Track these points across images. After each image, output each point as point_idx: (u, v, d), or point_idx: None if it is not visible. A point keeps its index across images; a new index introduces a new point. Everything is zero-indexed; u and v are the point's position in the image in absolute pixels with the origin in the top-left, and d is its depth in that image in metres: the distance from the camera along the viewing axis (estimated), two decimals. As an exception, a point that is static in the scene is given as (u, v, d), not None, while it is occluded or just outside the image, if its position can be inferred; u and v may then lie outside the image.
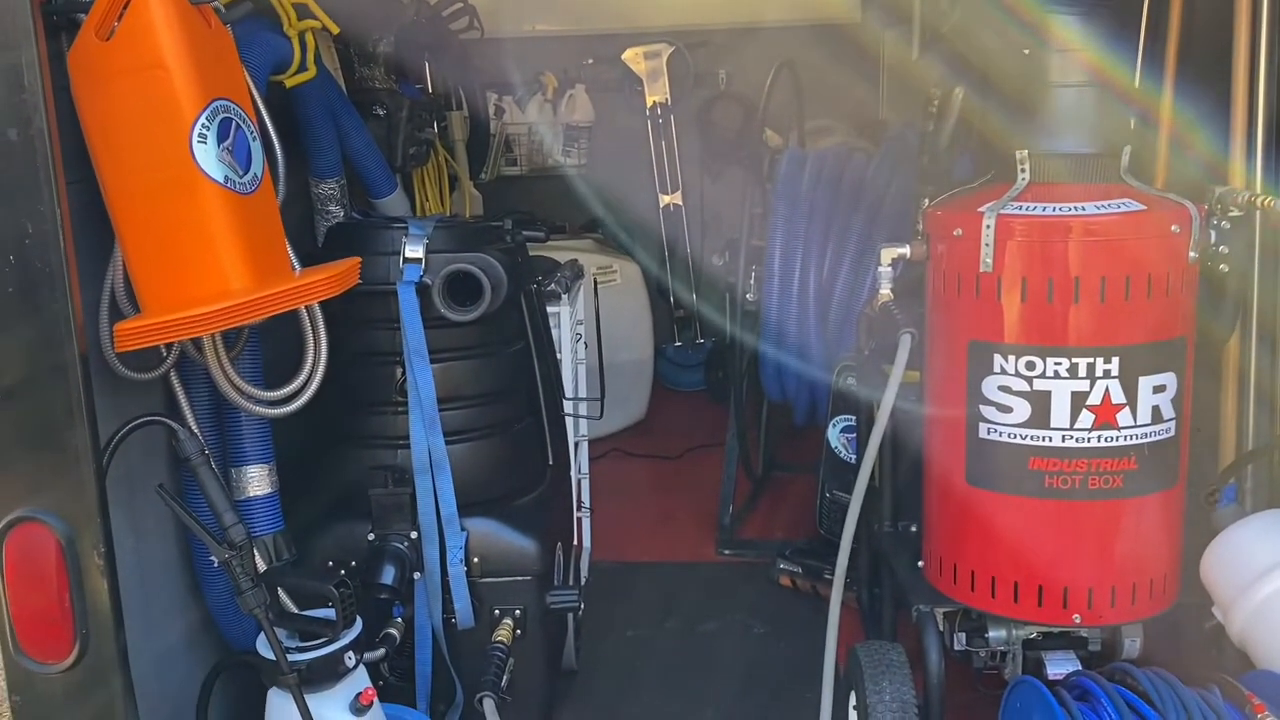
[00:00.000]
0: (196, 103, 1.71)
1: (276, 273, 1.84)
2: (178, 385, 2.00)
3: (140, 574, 2.03)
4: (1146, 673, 1.99)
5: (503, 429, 2.45)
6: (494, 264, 2.23)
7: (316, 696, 1.88)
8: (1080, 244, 2.10)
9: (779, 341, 3.53)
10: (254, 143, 1.85)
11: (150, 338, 1.71)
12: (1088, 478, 2.14)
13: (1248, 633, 2.08)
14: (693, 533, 3.90)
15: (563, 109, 5.51)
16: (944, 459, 2.32)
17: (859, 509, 2.21)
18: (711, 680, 2.94)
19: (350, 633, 1.93)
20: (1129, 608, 2.22)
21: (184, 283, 1.74)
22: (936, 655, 2.22)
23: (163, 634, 2.13)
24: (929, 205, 2.38)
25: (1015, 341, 2.15)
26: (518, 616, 2.32)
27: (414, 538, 2.26)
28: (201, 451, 1.84)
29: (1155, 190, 2.21)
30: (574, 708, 2.79)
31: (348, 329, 2.30)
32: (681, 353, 5.61)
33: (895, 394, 2.21)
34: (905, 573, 2.47)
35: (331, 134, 2.70)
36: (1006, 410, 2.16)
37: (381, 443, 2.33)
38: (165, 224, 1.74)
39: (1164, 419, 2.14)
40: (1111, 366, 2.10)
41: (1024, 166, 2.19)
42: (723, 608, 3.33)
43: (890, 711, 2.17)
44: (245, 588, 1.82)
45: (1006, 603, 2.25)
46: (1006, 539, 2.23)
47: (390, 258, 2.27)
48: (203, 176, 1.72)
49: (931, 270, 2.34)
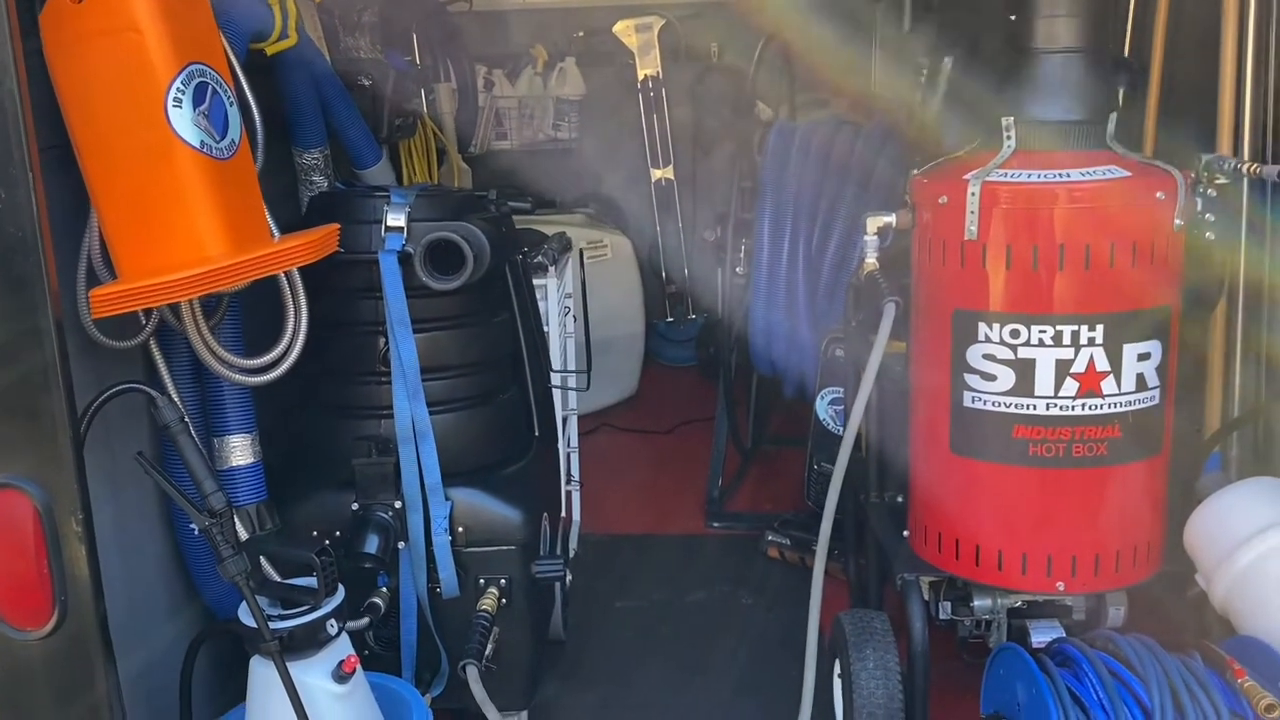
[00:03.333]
0: (171, 66, 1.69)
1: (254, 239, 1.83)
2: (157, 353, 1.99)
3: (121, 542, 2.03)
4: (1129, 639, 1.99)
5: (487, 399, 2.45)
6: (476, 233, 2.22)
7: (298, 664, 1.87)
8: (1065, 211, 2.09)
9: (768, 314, 3.53)
10: (231, 108, 1.84)
11: (126, 303, 1.70)
12: (1072, 445, 2.14)
13: (1230, 599, 2.09)
14: (682, 506, 3.90)
15: (553, 82, 5.48)
16: (929, 428, 2.32)
17: (842, 478, 2.20)
18: (699, 650, 2.95)
19: (332, 601, 1.92)
20: (1113, 575, 2.22)
21: (160, 248, 1.73)
22: (920, 623, 2.23)
23: (145, 602, 2.13)
24: (916, 174, 2.37)
25: (1000, 309, 2.14)
26: (503, 586, 2.32)
27: (398, 507, 2.26)
28: (181, 419, 1.83)
29: (1141, 157, 2.20)
30: (561, 677, 2.80)
31: (331, 298, 2.28)
32: (673, 328, 5.61)
33: (879, 363, 2.21)
34: (891, 542, 2.47)
35: (314, 103, 2.67)
36: (991, 379, 2.15)
37: (365, 412, 2.32)
38: (141, 189, 1.72)
39: (1148, 387, 2.14)
40: (1096, 334, 2.09)
41: (1010, 133, 2.17)
42: (711, 579, 3.34)
43: (874, 679, 2.18)
44: (226, 555, 1.81)
45: (991, 571, 2.25)
46: (991, 507, 2.24)
47: (372, 226, 2.25)
48: (178, 141, 1.71)
49: (917, 239, 2.33)
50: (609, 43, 5.43)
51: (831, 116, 4.19)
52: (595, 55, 5.47)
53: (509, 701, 2.38)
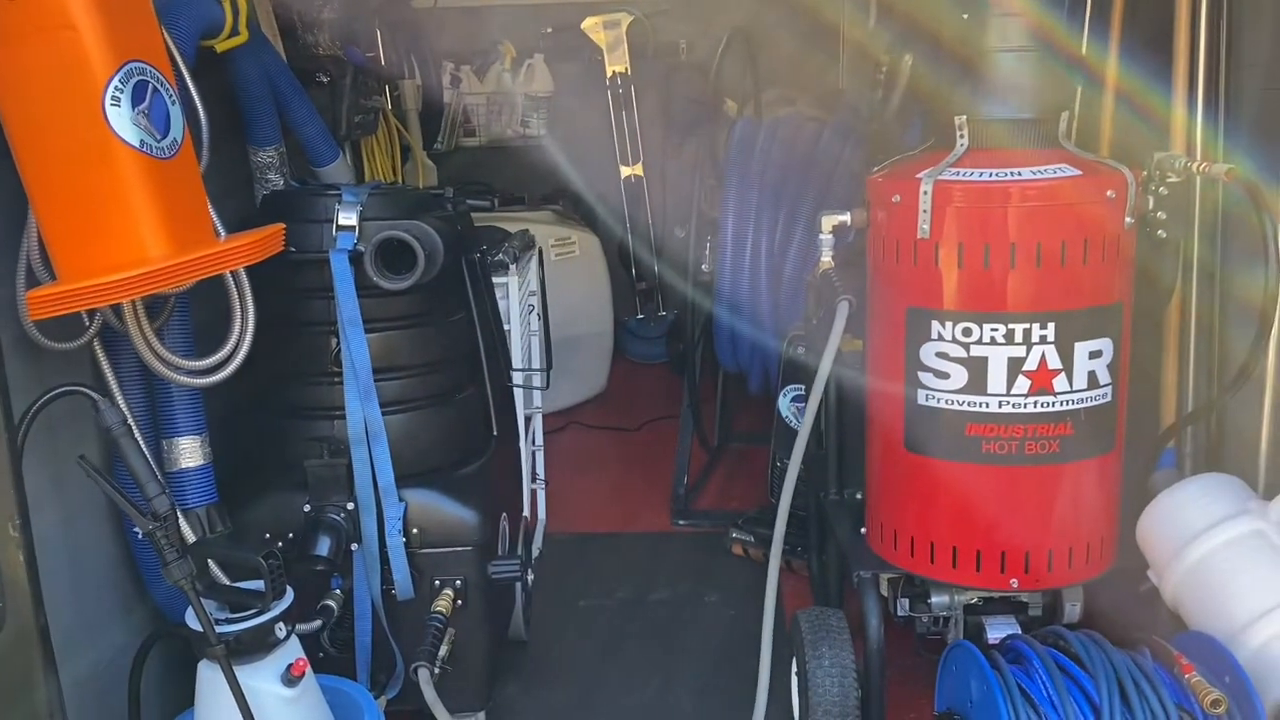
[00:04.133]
0: (109, 65, 1.66)
1: (197, 239, 1.80)
2: (102, 355, 1.97)
3: (68, 545, 2.01)
4: (1079, 635, 2.00)
5: (443, 399, 2.43)
6: (429, 232, 2.20)
7: (246, 668, 1.86)
8: (1016, 210, 2.10)
9: (732, 311, 3.53)
10: (173, 107, 1.81)
11: (64, 305, 1.67)
12: (1024, 443, 2.15)
13: (1180, 595, 2.11)
14: (648, 504, 3.90)
15: (521, 78, 5.45)
16: (884, 426, 2.33)
17: (797, 476, 2.20)
18: (661, 648, 2.95)
19: (280, 604, 1.91)
20: (1066, 571, 2.23)
21: (100, 249, 1.70)
22: (876, 620, 2.23)
23: (94, 604, 2.11)
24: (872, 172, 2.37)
25: (952, 308, 2.15)
26: (458, 587, 2.30)
27: (351, 509, 2.24)
28: (123, 422, 1.80)
29: (1093, 155, 2.21)
30: (522, 677, 2.79)
31: (283, 298, 2.26)
32: (643, 325, 5.60)
33: (833, 361, 2.21)
34: (848, 539, 2.47)
35: (268, 101, 2.65)
36: (944, 376, 2.16)
37: (317, 413, 2.30)
38: (79, 189, 1.69)
39: (1100, 384, 2.15)
40: (1048, 332, 2.10)
41: (963, 132, 2.18)
42: (675, 577, 3.34)
43: (829, 676, 2.19)
44: (170, 559, 1.79)
45: (945, 568, 2.26)
46: (945, 504, 2.24)
47: (324, 225, 2.23)
48: (117, 140, 1.68)
49: (872, 237, 2.33)
50: (578, 39, 5.40)
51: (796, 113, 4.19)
52: (564, 51, 5.45)
53: (466, 702, 2.37)
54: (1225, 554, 2.04)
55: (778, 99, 4.75)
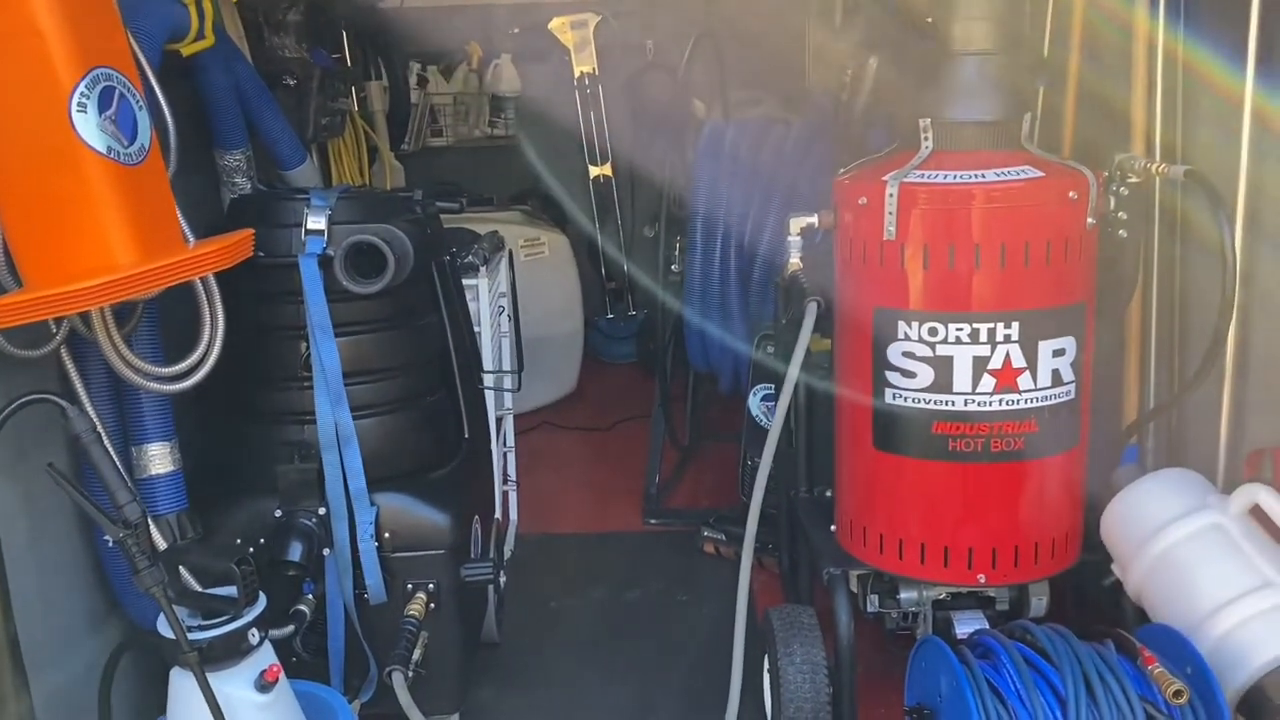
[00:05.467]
0: (74, 71, 1.65)
1: (165, 245, 1.79)
2: (70, 362, 1.95)
3: (38, 556, 1.99)
4: (1045, 629, 2.03)
5: (413, 403, 2.43)
6: (399, 235, 2.20)
7: (219, 675, 1.85)
8: (980, 211, 2.13)
9: (702, 311, 3.55)
10: (140, 112, 1.80)
11: (30, 313, 1.66)
12: (990, 440, 2.18)
13: (1143, 588, 2.14)
14: (620, 503, 3.91)
15: (488, 79, 5.45)
16: (853, 424, 2.35)
17: (768, 474, 2.22)
18: (633, 648, 2.96)
19: (253, 610, 1.90)
20: (1032, 567, 2.27)
21: (67, 256, 1.69)
22: (846, 617, 2.26)
23: (65, 616, 2.09)
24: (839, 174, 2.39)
25: (918, 308, 2.17)
26: (431, 590, 2.31)
27: (322, 514, 2.24)
28: (92, 429, 1.79)
29: (1055, 157, 2.24)
30: (494, 679, 2.80)
31: (252, 303, 2.25)
32: (613, 325, 5.62)
33: (801, 361, 2.23)
34: (819, 537, 2.50)
35: (234, 104, 2.63)
36: (911, 375, 2.19)
37: (288, 418, 2.30)
38: (46, 196, 1.68)
39: (1064, 382, 2.19)
40: (1012, 331, 2.13)
41: (927, 134, 2.21)
42: (647, 577, 3.36)
43: (800, 673, 2.21)
44: (141, 566, 1.78)
45: (914, 564, 2.29)
46: (913, 502, 2.28)
47: (292, 230, 2.22)
48: (84, 147, 1.67)
49: (839, 239, 2.36)
50: (545, 39, 5.40)
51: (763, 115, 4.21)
52: (531, 52, 5.45)
53: (439, 706, 2.37)
54: (1186, 547, 2.08)
55: (745, 100, 4.77)
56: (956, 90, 2.22)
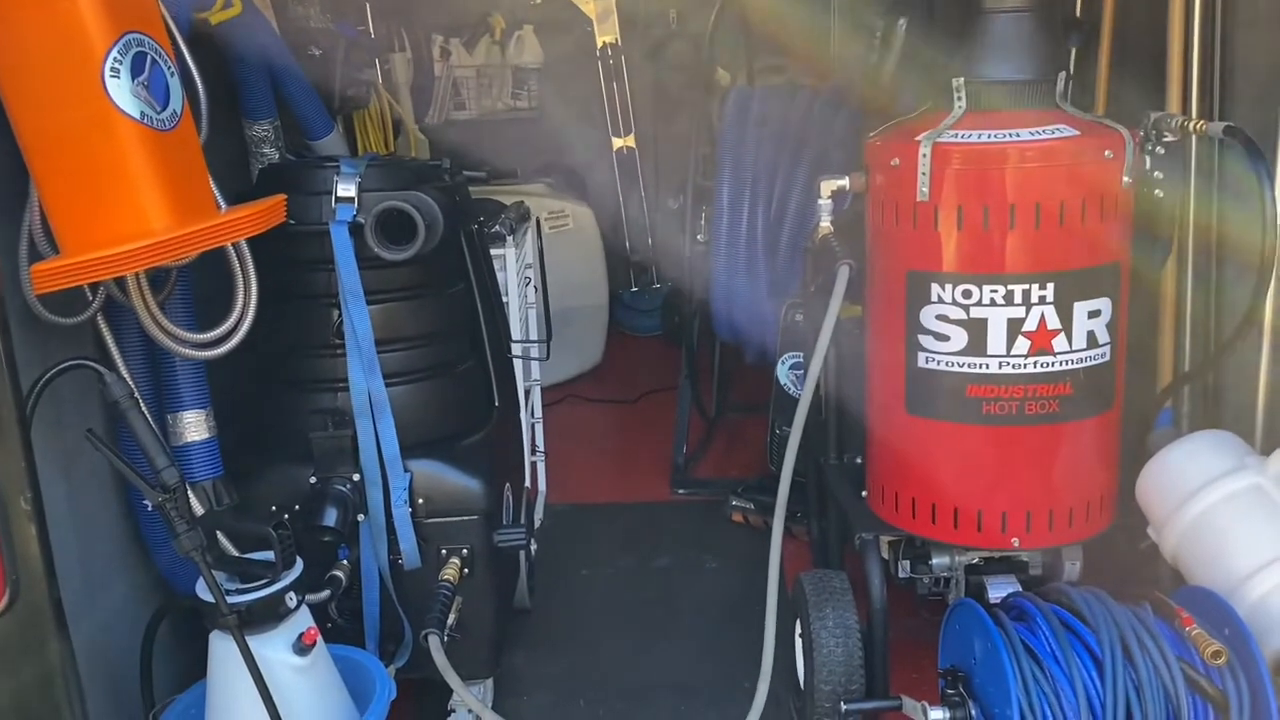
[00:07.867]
0: (107, 35, 1.65)
1: (199, 211, 1.80)
2: (105, 329, 1.97)
3: (75, 517, 2.01)
4: (1081, 592, 2.03)
5: (445, 370, 2.43)
6: (428, 202, 2.20)
7: (258, 638, 1.87)
8: (1014, 171, 2.10)
9: (728, 281, 3.52)
10: (172, 79, 1.80)
11: (68, 279, 1.67)
12: (1024, 403, 2.16)
13: (1179, 551, 2.13)
14: (648, 474, 3.92)
15: (511, 51, 5.42)
16: (885, 389, 2.34)
17: (799, 441, 2.22)
18: (663, 614, 2.98)
19: (290, 574, 1.92)
20: (1066, 530, 2.26)
21: (103, 222, 1.70)
22: (879, 581, 2.25)
23: (101, 574, 2.11)
24: (870, 136, 2.37)
25: (952, 270, 2.16)
26: (465, 556, 2.32)
27: (356, 480, 2.25)
28: (130, 395, 1.81)
29: (1090, 116, 2.21)
30: (527, 645, 2.82)
31: (284, 271, 2.26)
32: (638, 297, 5.60)
33: (833, 326, 2.21)
34: (850, 503, 2.50)
35: (262, 74, 2.63)
36: (944, 339, 2.17)
37: (321, 386, 2.30)
38: (81, 162, 1.69)
39: (1099, 344, 2.17)
40: (1046, 293, 2.11)
41: (960, 94, 2.18)
42: (676, 545, 3.36)
43: (834, 637, 2.21)
44: (181, 531, 1.80)
45: (947, 528, 2.29)
46: (946, 466, 2.27)
47: (323, 197, 2.22)
48: (117, 112, 1.67)
49: (871, 201, 2.34)
50: (567, 10, 5.37)
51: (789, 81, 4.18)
52: (554, 23, 5.42)
53: (474, 670, 2.39)
54: (1224, 509, 2.06)
55: (769, 67, 4.73)
56: (989, 49, 2.19)
